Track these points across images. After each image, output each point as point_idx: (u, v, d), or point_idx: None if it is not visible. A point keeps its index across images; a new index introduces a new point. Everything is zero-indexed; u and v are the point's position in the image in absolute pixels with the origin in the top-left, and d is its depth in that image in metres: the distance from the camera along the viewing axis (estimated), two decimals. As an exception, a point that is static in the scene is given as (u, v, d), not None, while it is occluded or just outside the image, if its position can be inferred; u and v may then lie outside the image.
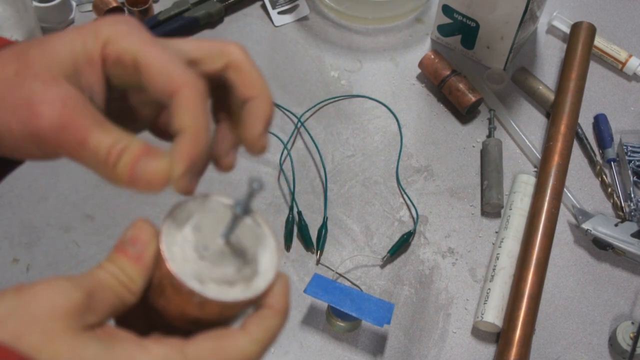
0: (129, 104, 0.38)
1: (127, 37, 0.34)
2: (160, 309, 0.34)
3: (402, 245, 0.79)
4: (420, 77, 0.94)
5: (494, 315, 0.73)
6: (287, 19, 0.99)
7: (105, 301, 0.32)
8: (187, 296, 0.32)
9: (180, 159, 0.33)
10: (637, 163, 0.85)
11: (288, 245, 0.79)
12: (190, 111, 0.33)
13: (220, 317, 0.34)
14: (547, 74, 0.94)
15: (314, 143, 0.87)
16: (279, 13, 0.99)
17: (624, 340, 0.73)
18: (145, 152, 0.33)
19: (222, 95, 0.38)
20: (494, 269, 0.76)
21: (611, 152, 0.87)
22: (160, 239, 0.33)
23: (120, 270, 0.33)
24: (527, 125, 0.90)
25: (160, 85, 0.33)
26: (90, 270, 0.33)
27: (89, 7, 0.97)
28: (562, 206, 0.82)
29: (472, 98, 0.88)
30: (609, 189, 0.84)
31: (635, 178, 0.84)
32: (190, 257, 0.33)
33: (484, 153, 0.86)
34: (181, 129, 0.33)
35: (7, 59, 0.34)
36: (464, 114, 0.90)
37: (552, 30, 0.99)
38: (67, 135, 0.32)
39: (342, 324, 0.73)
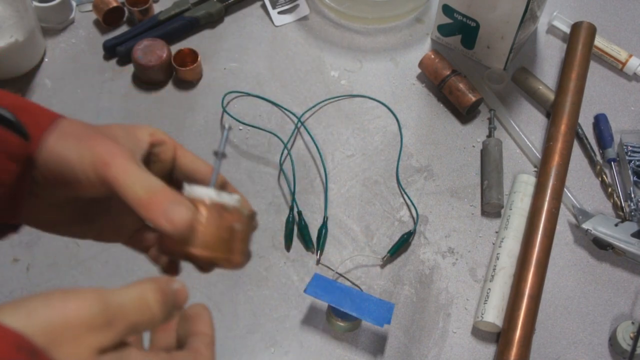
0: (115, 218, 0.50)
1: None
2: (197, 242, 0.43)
3: (402, 245, 0.79)
4: (420, 77, 0.94)
5: (494, 315, 0.73)
6: (287, 19, 0.99)
7: (124, 320, 0.36)
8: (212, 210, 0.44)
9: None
10: (637, 163, 0.85)
11: (288, 245, 0.79)
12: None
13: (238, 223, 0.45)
14: (547, 74, 0.94)
15: (314, 143, 0.87)
16: (279, 13, 0.99)
17: (624, 340, 0.73)
18: (174, 198, 0.42)
19: None
20: (494, 269, 0.76)
21: (611, 152, 0.87)
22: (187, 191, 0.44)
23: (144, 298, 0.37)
24: (527, 125, 0.90)
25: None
26: (121, 287, 0.37)
27: (89, 7, 0.97)
28: (562, 206, 0.82)
29: (472, 98, 0.88)
30: (609, 189, 0.84)
31: (635, 178, 0.84)
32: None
33: (484, 153, 0.86)
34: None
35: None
36: (464, 114, 0.90)
37: (552, 30, 0.99)
38: (112, 168, 0.42)
39: (342, 324, 0.73)
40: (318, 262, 0.78)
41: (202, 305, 0.42)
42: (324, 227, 0.80)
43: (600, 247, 0.80)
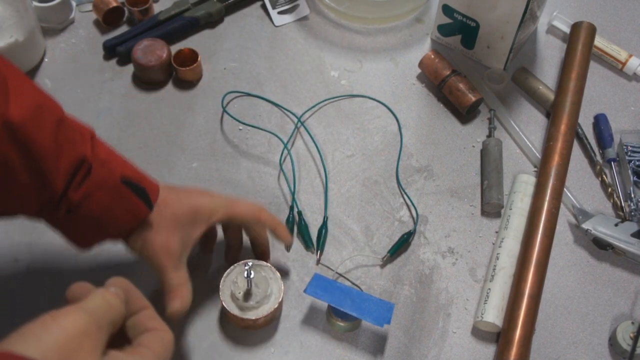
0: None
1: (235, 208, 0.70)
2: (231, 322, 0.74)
3: (402, 245, 0.79)
4: (420, 77, 0.94)
5: (494, 315, 0.73)
6: (287, 19, 0.99)
7: (105, 319, 0.43)
8: (233, 316, 0.71)
9: (286, 236, 0.75)
10: (637, 163, 0.85)
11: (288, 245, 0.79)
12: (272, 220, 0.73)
13: (255, 324, 0.72)
14: (547, 74, 0.94)
15: (314, 143, 0.87)
16: (279, 13, 0.99)
17: (624, 340, 0.73)
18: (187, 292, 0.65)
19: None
20: (494, 269, 0.76)
21: (611, 152, 0.87)
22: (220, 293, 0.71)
23: (107, 300, 0.46)
24: (527, 125, 0.90)
25: (251, 216, 0.71)
26: (86, 301, 0.44)
27: (89, 7, 0.98)
28: (562, 206, 0.82)
29: (472, 98, 0.88)
30: (609, 189, 0.84)
31: (635, 178, 0.84)
32: (229, 300, 0.71)
33: (484, 153, 0.86)
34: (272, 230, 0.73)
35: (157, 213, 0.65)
36: (464, 114, 0.90)
37: (552, 30, 0.99)
38: (156, 264, 0.64)
39: (342, 324, 0.73)
40: (318, 262, 0.78)
41: (124, 280, 0.48)
42: (324, 227, 0.80)
43: (600, 247, 0.80)
